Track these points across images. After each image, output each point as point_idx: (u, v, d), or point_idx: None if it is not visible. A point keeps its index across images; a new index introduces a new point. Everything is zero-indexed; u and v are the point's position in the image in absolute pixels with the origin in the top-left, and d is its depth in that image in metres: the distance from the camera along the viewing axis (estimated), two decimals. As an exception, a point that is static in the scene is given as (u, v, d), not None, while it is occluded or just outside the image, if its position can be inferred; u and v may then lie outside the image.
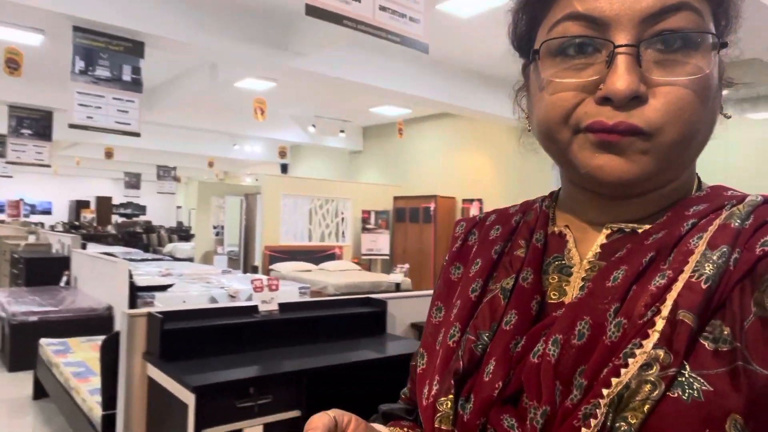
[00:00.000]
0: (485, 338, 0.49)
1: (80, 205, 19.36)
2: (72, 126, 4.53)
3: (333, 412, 0.49)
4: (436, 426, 0.48)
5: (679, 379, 0.38)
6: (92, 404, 2.58)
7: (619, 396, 0.39)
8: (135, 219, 19.54)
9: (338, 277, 7.55)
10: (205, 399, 1.82)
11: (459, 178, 8.61)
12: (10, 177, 10.63)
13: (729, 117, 0.49)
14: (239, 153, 12.18)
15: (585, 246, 0.51)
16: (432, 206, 8.44)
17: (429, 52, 2.80)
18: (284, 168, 13.06)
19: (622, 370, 0.39)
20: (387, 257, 9.08)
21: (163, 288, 5.20)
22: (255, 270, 8.82)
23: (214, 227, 10.67)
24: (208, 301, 5.20)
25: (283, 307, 2.52)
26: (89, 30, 4.54)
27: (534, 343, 0.46)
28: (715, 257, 0.41)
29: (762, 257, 0.40)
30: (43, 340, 3.77)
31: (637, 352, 0.40)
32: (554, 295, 0.50)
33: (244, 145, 12.02)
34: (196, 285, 5.72)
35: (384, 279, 7.47)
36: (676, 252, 0.44)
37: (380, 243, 9.05)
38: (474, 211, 8.18)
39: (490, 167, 8.14)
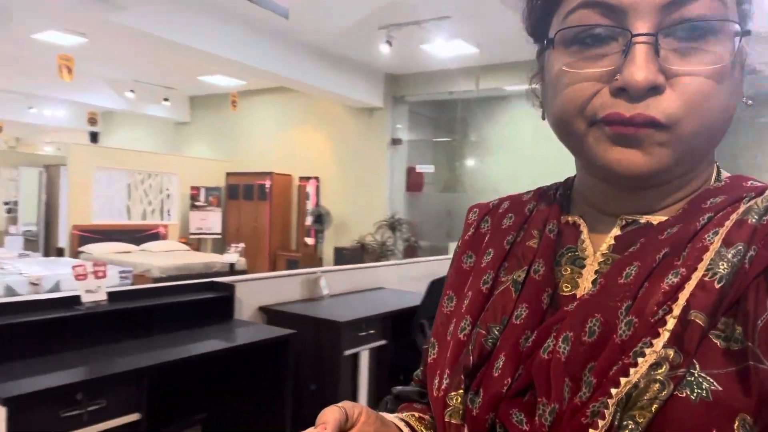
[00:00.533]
0: (495, 332, 0.48)
1: None
2: None
3: (344, 404, 0.48)
4: (446, 420, 0.48)
5: (688, 378, 0.38)
6: None
7: (628, 395, 0.38)
8: None
9: (164, 258, 6.96)
10: (20, 412, 1.50)
11: (296, 155, 8.45)
12: None
13: (751, 104, 0.47)
14: (37, 117, 10.45)
15: (599, 237, 0.50)
16: (268, 183, 8.17)
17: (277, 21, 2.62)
18: (94, 137, 11.53)
19: (632, 370, 0.39)
20: (219, 236, 8.60)
21: (-62, 277, 4.27)
22: (60, 252, 7.71)
23: (6, 203, 9.07)
24: (3, 290, 4.40)
25: (113, 296, 2.20)
26: None
27: (544, 338, 0.45)
28: (730, 255, 0.41)
29: None
30: None
31: (647, 351, 0.39)
32: (566, 287, 0.49)
33: (42, 108, 10.33)
34: (-15, 271, 4.81)
35: (217, 259, 7.07)
36: (690, 248, 0.43)
37: (210, 221, 8.53)
38: (311, 189, 8.11)
39: (327, 145, 8.12)
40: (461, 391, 0.47)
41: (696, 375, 0.38)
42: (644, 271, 0.43)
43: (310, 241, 7.84)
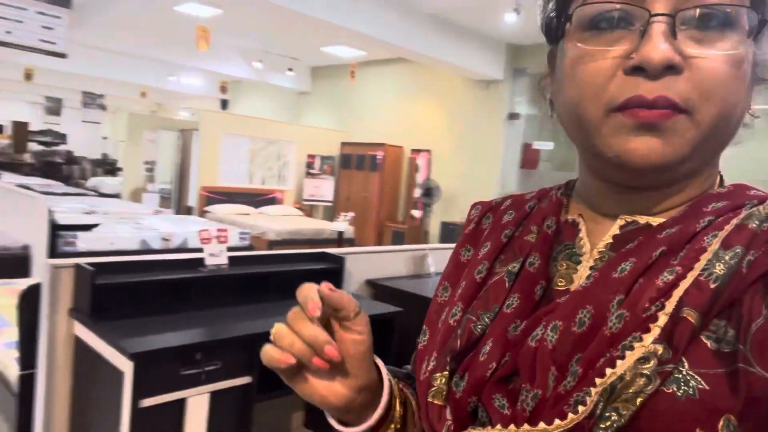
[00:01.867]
0: (486, 319, 0.49)
1: (-8, 129, 17.70)
2: (-17, 39, 3.93)
3: (341, 293, 0.48)
4: (429, 400, 0.48)
5: (676, 375, 0.38)
6: (8, 360, 2.29)
7: (612, 386, 0.38)
8: (54, 148, 18.14)
9: (279, 222, 7.29)
10: (145, 367, 1.60)
11: (409, 127, 8.40)
12: None
13: (758, 117, 0.47)
14: (175, 84, 11.33)
15: (597, 236, 0.50)
16: (380, 155, 8.22)
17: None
18: (224, 104, 12.34)
19: (618, 362, 0.39)
20: (330, 204, 8.86)
21: (87, 228, 4.78)
22: (189, 211, 8.37)
23: (146, 162, 9.99)
24: (138, 244, 4.83)
25: (232, 261, 2.29)
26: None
27: (534, 327, 0.45)
28: (727, 257, 0.40)
29: None
30: (-54, 283, 3.35)
31: (636, 345, 0.39)
32: (561, 282, 0.49)
33: (180, 76, 11.18)
34: (125, 226, 5.30)
35: (326, 226, 7.28)
36: (688, 248, 0.43)
37: (323, 189, 8.79)
38: (422, 162, 8.04)
39: (441, 118, 7.97)
40: (446, 372, 0.48)
41: (684, 372, 0.38)
42: (639, 267, 0.43)
43: (417, 213, 7.82)
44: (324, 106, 10.03)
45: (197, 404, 1.73)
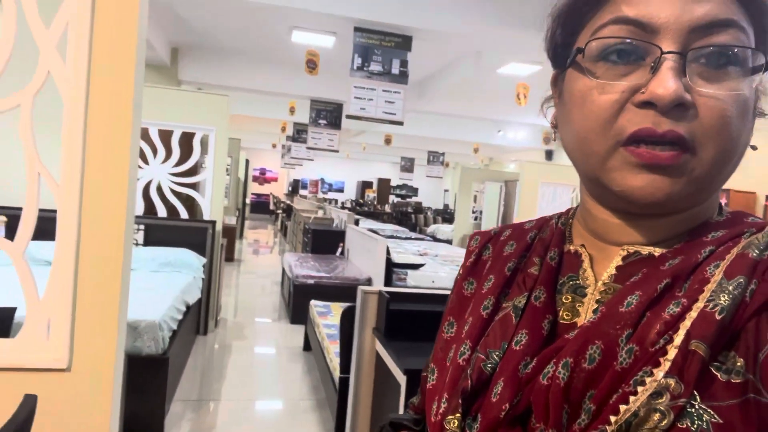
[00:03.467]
0: (495, 357, 0.49)
1: (365, 185, 22.07)
2: (348, 116, 5.14)
3: None
4: None
5: (689, 409, 0.38)
6: (336, 365, 2.91)
7: (627, 423, 0.38)
8: (408, 200, 21.41)
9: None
10: (416, 383, 1.86)
11: (765, 166, 7.04)
12: (311, 160, 12.67)
13: (755, 149, 0.47)
14: (503, 139, 12.19)
15: (600, 266, 0.50)
16: (722, 202, 7.10)
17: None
18: (549, 154, 12.61)
19: (631, 398, 0.39)
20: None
21: (415, 266, 5.55)
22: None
23: (473, 211, 10.95)
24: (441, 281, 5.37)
25: (510, 301, 2.43)
26: (367, 29, 5.05)
27: (544, 365, 0.45)
28: (731, 287, 0.40)
29: None
30: (313, 302, 4.40)
31: (648, 380, 0.39)
32: (567, 315, 0.49)
33: (507, 131, 11.98)
34: (447, 266, 5.95)
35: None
36: (692, 280, 0.43)
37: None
38: (781, 211, 6.61)
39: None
40: (458, 414, 0.48)
41: (697, 406, 0.38)
42: (645, 300, 0.43)
43: None
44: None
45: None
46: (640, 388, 0.39)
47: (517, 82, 7.13)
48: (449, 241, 11.05)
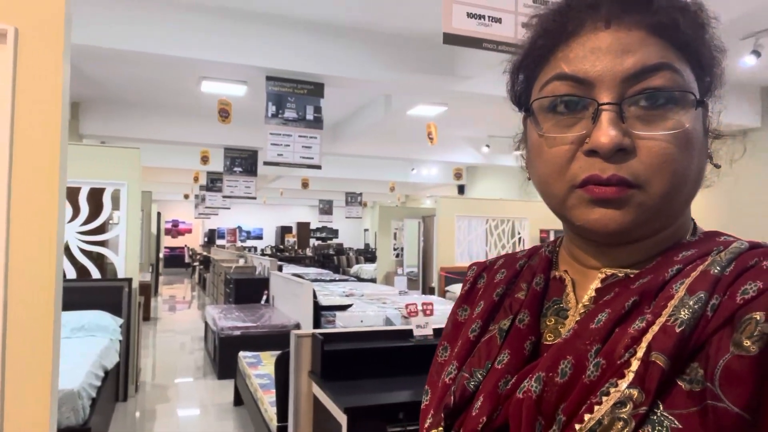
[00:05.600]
0: (479, 376, 0.51)
1: (284, 231, 21.80)
2: (266, 163, 5.16)
3: None
4: None
5: (651, 417, 0.40)
6: (272, 415, 2.85)
7: (592, 431, 0.41)
8: (328, 242, 21.36)
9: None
10: (357, 420, 1.89)
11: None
12: (228, 208, 12.42)
13: (719, 167, 0.51)
14: (417, 177, 12.60)
15: (583, 290, 0.53)
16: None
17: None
18: (461, 189, 13.16)
19: (596, 407, 0.41)
20: (569, 279, 8.54)
21: (343, 308, 5.57)
22: (432, 291, 8.97)
23: (394, 249, 11.14)
24: (383, 321, 5.43)
25: (438, 332, 2.52)
26: (279, 78, 5.15)
27: (522, 381, 0.48)
28: (691, 302, 0.43)
29: (742, 305, 0.41)
30: (241, 353, 4.29)
31: (612, 390, 0.42)
32: (550, 337, 0.52)
33: (421, 168, 12.42)
34: (374, 305, 6.02)
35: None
36: (659, 297, 0.45)
37: (561, 264, 8.55)
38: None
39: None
40: (441, 428, 0.51)
41: (659, 414, 0.40)
42: (614, 316, 0.46)
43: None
44: (556, 180, 9.96)
45: (403, 460, 1.93)
46: (605, 398, 0.41)
47: (426, 122, 7.48)
48: (373, 280, 11.13)
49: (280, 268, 7.69)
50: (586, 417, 0.41)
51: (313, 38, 4.90)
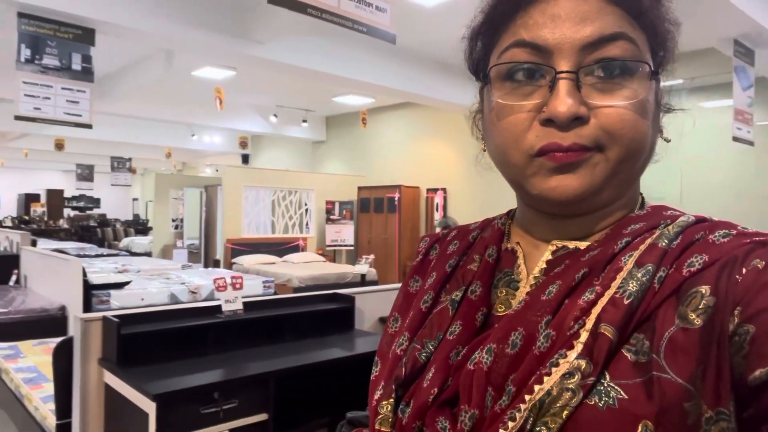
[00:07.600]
0: (430, 347, 0.51)
1: (30, 199, 18.55)
2: (18, 118, 4.27)
3: None
4: (377, 428, 0.50)
5: (598, 387, 0.41)
6: (45, 413, 2.45)
7: (541, 402, 0.41)
8: (88, 212, 18.86)
9: (303, 269, 7.45)
10: (167, 407, 1.74)
11: (423, 167, 8.60)
12: (-48, 170, 10.06)
13: (669, 141, 0.52)
14: (198, 143, 11.85)
15: (534, 262, 0.53)
16: (396, 196, 8.41)
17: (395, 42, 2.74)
18: (245, 158, 12.79)
19: (545, 378, 0.42)
20: (352, 248, 9.02)
21: (119, 285, 5.01)
22: (217, 264, 8.61)
23: (173, 220, 10.36)
24: (168, 298, 5.03)
25: (248, 306, 2.44)
26: (35, 16, 4.29)
27: (473, 352, 0.48)
28: (639, 275, 0.44)
29: (688, 277, 0.43)
30: (-9, 345, 3.57)
31: (561, 361, 0.42)
32: (500, 308, 0.52)
33: (203, 135, 11.70)
34: (155, 281, 5.54)
35: (349, 270, 7.41)
36: (608, 269, 0.46)
37: (345, 234, 8.98)
38: (438, 200, 8.19)
39: (453, 156, 8.16)
40: (392, 400, 0.50)
41: (606, 384, 0.41)
42: (564, 288, 0.46)
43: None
44: (339, 154, 10.34)
45: (218, 441, 1.84)
46: (554, 369, 0.42)
47: (212, 85, 7.04)
48: (149, 254, 10.23)
49: (34, 243, 6.55)
50: (536, 388, 0.42)
51: (84, -26, 4.20)
